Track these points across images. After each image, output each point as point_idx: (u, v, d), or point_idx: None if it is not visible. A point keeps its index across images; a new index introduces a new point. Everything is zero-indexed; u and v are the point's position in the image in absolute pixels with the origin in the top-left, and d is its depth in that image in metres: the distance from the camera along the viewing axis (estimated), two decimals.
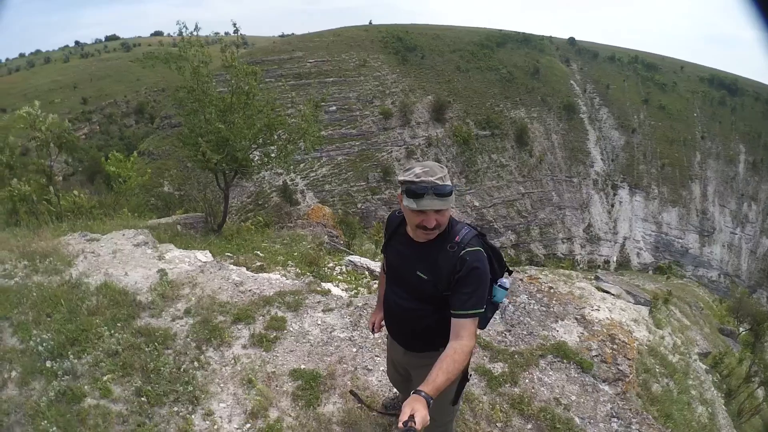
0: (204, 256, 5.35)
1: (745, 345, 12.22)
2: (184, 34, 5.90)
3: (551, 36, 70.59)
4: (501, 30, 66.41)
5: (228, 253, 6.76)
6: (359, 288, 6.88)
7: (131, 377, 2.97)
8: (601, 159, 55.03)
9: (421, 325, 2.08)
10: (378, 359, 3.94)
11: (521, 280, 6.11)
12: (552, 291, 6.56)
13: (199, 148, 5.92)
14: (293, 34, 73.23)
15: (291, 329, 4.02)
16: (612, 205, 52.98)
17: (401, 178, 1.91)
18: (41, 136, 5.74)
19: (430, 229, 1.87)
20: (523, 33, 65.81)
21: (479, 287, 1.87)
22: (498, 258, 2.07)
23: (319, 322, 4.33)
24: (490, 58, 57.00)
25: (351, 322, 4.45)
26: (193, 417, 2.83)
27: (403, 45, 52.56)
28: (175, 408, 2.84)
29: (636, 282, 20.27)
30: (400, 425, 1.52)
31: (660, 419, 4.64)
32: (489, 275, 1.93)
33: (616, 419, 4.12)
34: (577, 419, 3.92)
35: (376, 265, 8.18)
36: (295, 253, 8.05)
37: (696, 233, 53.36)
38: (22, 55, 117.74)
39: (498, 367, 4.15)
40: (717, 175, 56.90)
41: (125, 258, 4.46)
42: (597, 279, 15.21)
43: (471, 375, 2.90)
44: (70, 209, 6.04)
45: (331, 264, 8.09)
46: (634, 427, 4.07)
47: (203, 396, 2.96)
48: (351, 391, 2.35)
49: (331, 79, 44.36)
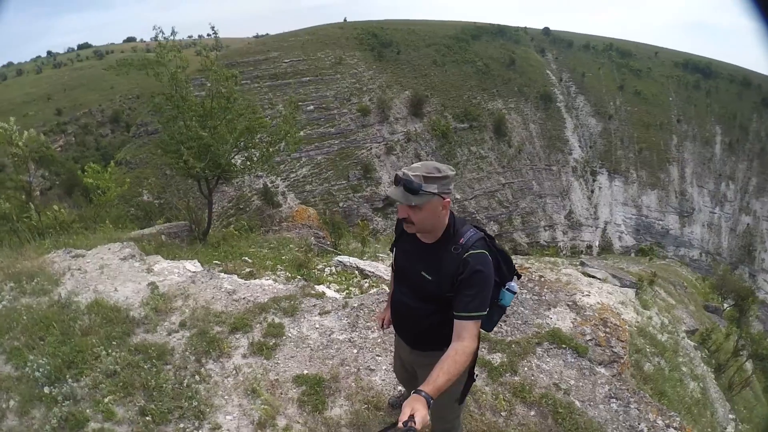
0: (193, 265, 5.27)
1: (731, 320, 12.62)
2: (160, 38, 5.75)
3: (526, 27, 71.40)
4: (476, 23, 66.85)
5: (216, 261, 6.67)
6: (350, 288, 6.88)
7: (133, 397, 2.90)
8: (579, 146, 55.96)
9: (425, 325, 2.10)
10: (380, 359, 3.95)
11: None
12: (542, 279, 6.65)
13: (181, 155, 5.80)
14: (268, 34, 72.20)
15: (290, 335, 3.98)
16: (592, 191, 53.96)
17: None
18: (19, 152, 5.53)
19: (403, 220, 1.94)
20: (498, 25, 66.42)
21: (482, 290, 1.89)
22: (506, 261, 2.08)
23: (317, 325, 4.30)
24: (465, 51, 57.30)
25: (349, 323, 4.44)
26: None
27: (379, 41, 52.44)
28: (182, 424, 2.79)
29: (620, 265, 20.69)
30: (399, 425, 1.52)
31: (654, 397, 4.74)
32: (493, 278, 1.95)
33: (614, 400, 4.22)
34: (578, 402, 3.99)
35: (365, 264, 8.17)
36: (284, 257, 8.01)
37: (676, 214, 54.70)
38: None
39: (497, 358, 4.19)
40: (694, 157, 58.33)
41: (113, 273, 4.35)
42: (582, 264, 15.46)
43: (477, 375, 2.94)
44: (51, 225, 5.85)
45: (321, 266, 8.06)
46: (632, 407, 4.16)
47: (208, 410, 2.91)
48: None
49: (308, 79, 44.05)
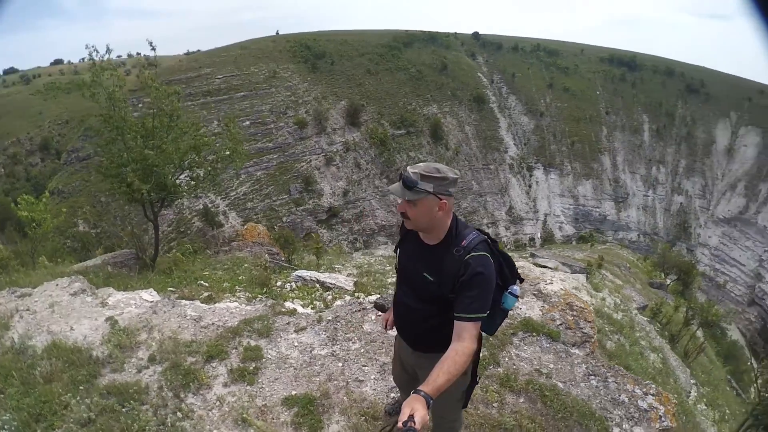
0: (149, 295, 4.88)
1: (675, 294, 13.65)
2: (95, 58, 5.32)
3: (456, 32, 73.81)
4: (407, 30, 68.27)
5: (171, 288, 6.28)
6: (315, 302, 6.74)
7: None
8: (514, 144, 58.55)
9: (427, 326, 2.11)
10: (366, 369, 3.84)
11: None
12: None
13: (124, 179, 5.38)
14: (199, 50, 69.49)
15: (269, 356, 3.78)
16: (530, 186, 56.55)
17: None
18: None
19: (401, 215, 1.96)
20: (429, 32, 68.23)
21: (482, 292, 1.90)
22: (509, 265, 2.10)
23: (296, 343, 4.12)
24: (398, 58, 58.30)
25: (328, 337, 4.30)
26: None
27: (312, 53, 52.12)
28: None
29: (566, 253, 21.87)
30: (399, 425, 1.51)
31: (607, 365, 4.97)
32: (494, 281, 1.96)
33: (593, 377, 4.39)
34: (560, 384, 4.12)
35: (325, 277, 8.03)
36: (240, 277, 7.73)
37: (611, 201, 58.37)
38: None
39: None
40: (624, 146, 62.52)
41: (65, 311, 3.91)
42: (533, 256, 16.18)
43: (480, 377, 2.96)
44: None
45: (280, 282, 7.86)
46: (610, 381, 4.35)
47: None
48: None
49: (242, 94, 42.84)
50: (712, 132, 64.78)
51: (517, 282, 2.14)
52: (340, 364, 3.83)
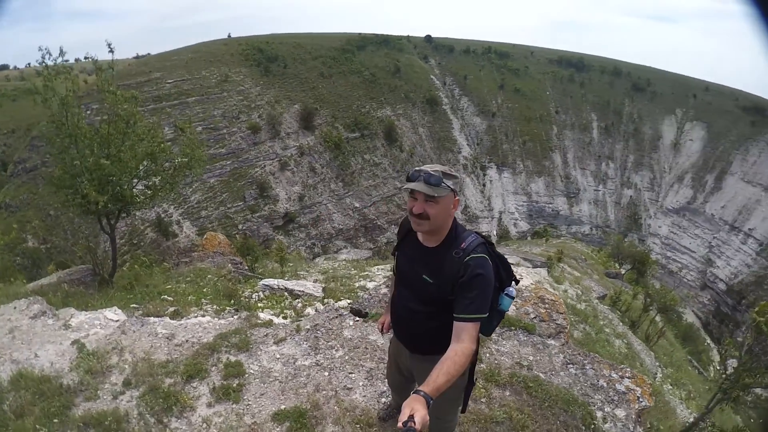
0: (113, 314, 4.58)
1: (631, 282, 14.40)
2: (47, 61, 4.90)
3: (409, 35, 74.69)
4: (360, 33, 68.38)
5: (134, 305, 5.94)
6: (285, 311, 6.61)
7: None
8: (468, 144, 60.00)
9: (426, 328, 2.12)
10: (353, 376, 3.78)
11: None
12: None
13: (79, 190, 5.00)
14: (149, 54, 66.23)
15: (252, 371, 3.62)
16: (484, 185, 58.11)
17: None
18: None
19: (416, 216, 1.93)
20: (382, 35, 68.68)
21: (482, 293, 1.93)
22: (505, 267, 2.14)
23: (278, 355, 3.99)
24: (351, 61, 58.29)
25: (310, 347, 4.19)
26: None
27: (265, 56, 51.06)
28: None
29: (524, 249, 22.61)
30: (399, 425, 1.51)
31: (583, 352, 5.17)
32: (493, 282, 1.99)
33: (571, 365, 4.54)
34: (542, 375, 4.23)
35: (293, 284, 7.92)
36: (205, 289, 7.47)
37: (563, 196, 60.90)
38: None
39: None
40: (574, 143, 65.40)
41: (27, 336, 3.56)
42: None
43: (477, 379, 2.98)
44: None
45: (247, 292, 7.67)
46: (588, 368, 4.52)
47: None
48: None
49: (194, 99, 41.26)
50: (658, 128, 68.81)
51: (513, 283, 2.18)
52: (326, 373, 3.74)
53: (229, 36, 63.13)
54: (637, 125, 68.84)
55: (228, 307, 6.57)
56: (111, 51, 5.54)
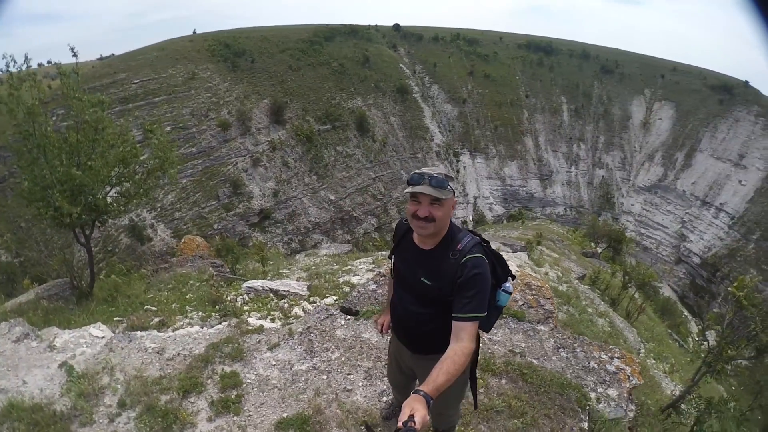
0: (98, 330, 4.42)
1: (607, 260, 14.81)
2: (11, 69, 4.61)
3: (377, 25, 73.93)
4: (328, 24, 67.28)
5: (117, 318, 5.76)
6: (272, 313, 6.53)
7: None
8: (440, 131, 60.19)
9: (427, 329, 2.14)
10: (351, 377, 3.76)
11: None
12: None
13: (51, 202, 4.77)
14: (113, 54, 63.43)
15: (249, 381, 3.56)
16: (457, 171, 58.49)
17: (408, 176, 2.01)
18: None
19: (422, 219, 1.93)
20: (350, 25, 67.70)
21: (479, 292, 1.95)
22: (501, 264, 2.17)
23: (273, 362, 3.94)
24: (320, 53, 57.37)
25: (305, 350, 4.15)
26: None
27: (231, 51, 49.66)
28: None
29: (501, 233, 22.95)
30: (399, 425, 1.52)
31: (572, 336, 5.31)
32: (489, 281, 2.02)
33: (562, 349, 4.65)
34: (535, 361, 4.32)
35: (277, 285, 7.81)
36: (188, 296, 7.32)
37: (537, 179, 61.75)
38: None
39: None
40: (545, 126, 66.06)
41: (12, 361, 3.39)
42: None
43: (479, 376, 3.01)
44: None
45: (232, 296, 7.53)
46: (578, 350, 4.64)
47: None
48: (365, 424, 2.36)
49: (161, 98, 39.90)
50: (627, 108, 70.26)
51: (509, 279, 2.21)
52: (324, 376, 3.72)
53: (195, 32, 61.13)
54: (607, 106, 70.22)
55: (214, 313, 6.45)
56: (74, 55, 5.25)
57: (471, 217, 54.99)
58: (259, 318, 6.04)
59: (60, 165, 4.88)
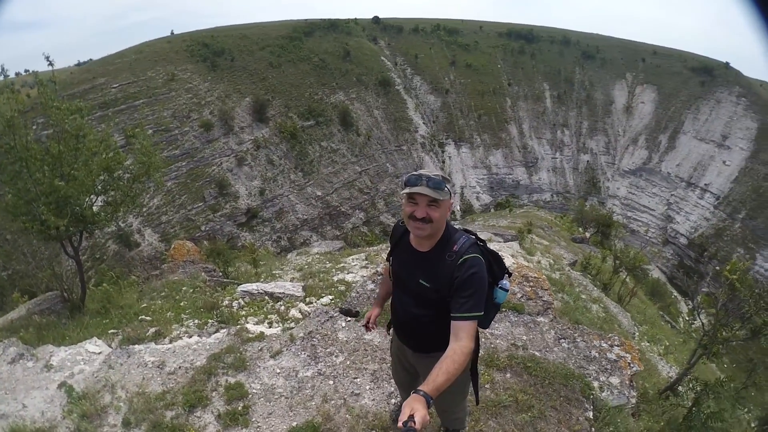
0: (95, 346, 4.31)
1: (596, 245, 15.00)
2: None
3: (356, 18, 73.21)
4: (307, 19, 66.52)
5: (111, 330, 5.64)
6: (269, 316, 6.46)
7: None
8: (424, 123, 60.19)
9: (428, 329, 2.16)
10: (358, 381, 3.74)
11: None
12: None
13: (36, 216, 4.63)
14: (91, 60, 62.04)
15: (254, 391, 3.52)
16: (443, 162, 58.63)
17: (404, 178, 2.03)
18: None
19: (419, 221, 1.95)
20: (329, 19, 67.04)
21: (477, 291, 1.97)
22: (497, 262, 2.18)
23: (277, 370, 3.89)
24: (300, 49, 56.79)
25: (309, 356, 4.11)
26: None
27: (210, 51, 48.89)
28: None
29: (490, 222, 23.07)
30: (399, 425, 1.51)
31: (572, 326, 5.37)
32: (486, 280, 2.04)
33: (563, 340, 4.69)
34: (537, 353, 4.35)
35: (272, 287, 7.74)
36: (182, 303, 7.20)
37: (522, 166, 62.22)
38: None
39: None
40: (529, 114, 66.43)
41: (9, 384, 3.28)
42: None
43: (480, 374, 3.02)
44: None
45: (227, 301, 7.43)
46: (579, 340, 4.68)
47: None
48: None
49: (141, 101, 39.14)
50: (610, 93, 70.90)
51: (506, 276, 2.22)
52: (330, 382, 3.68)
53: (172, 33, 59.98)
54: (589, 92, 70.80)
55: (210, 320, 6.35)
56: (50, 64, 5.08)
57: (458, 207, 55.22)
58: (257, 323, 5.98)
59: (43, 177, 4.73)
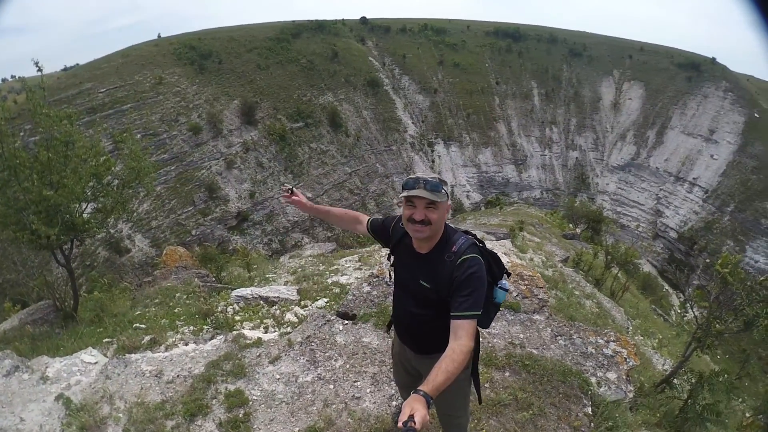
0: (90, 356, 4.26)
1: (587, 241, 15.13)
2: None
3: (344, 19, 73.04)
4: (294, 21, 66.18)
5: (106, 339, 5.58)
6: (265, 321, 6.45)
7: None
8: (413, 123, 60.24)
9: (428, 330, 2.18)
10: (358, 384, 3.74)
11: None
12: None
13: (26, 225, 4.56)
14: (78, 64, 61.16)
15: (255, 398, 3.50)
16: (433, 161, 58.73)
17: (402, 181, 2.08)
18: None
19: (418, 223, 1.98)
20: (316, 20, 66.79)
21: (475, 291, 1.98)
22: (496, 262, 2.22)
23: (277, 375, 3.87)
24: (287, 50, 56.49)
25: (308, 361, 4.10)
26: None
27: (198, 53, 48.36)
28: None
29: (481, 220, 23.16)
30: (399, 425, 1.52)
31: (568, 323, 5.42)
32: (485, 279, 2.06)
33: (559, 337, 4.73)
34: (535, 351, 4.39)
35: (266, 291, 7.72)
36: (176, 310, 7.15)
37: (512, 164, 62.47)
38: None
39: None
40: (517, 112, 66.62)
41: (6, 397, 3.22)
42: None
43: (481, 373, 3.05)
44: None
45: (221, 306, 7.40)
46: (575, 337, 4.73)
47: None
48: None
49: (129, 105, 38.56)
50: (597, 90, 71.33)
51: (505, 276, 2.26)
52: (330, 386, 3.68)
53: (159, 36, 59.42)
54: (577, 89, 71.22)
55: (205, 327, 6.32)
56: (39, 69, 5.00)
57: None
58: (253, 328, 5.95)
59: (32, 186, 4.66)
